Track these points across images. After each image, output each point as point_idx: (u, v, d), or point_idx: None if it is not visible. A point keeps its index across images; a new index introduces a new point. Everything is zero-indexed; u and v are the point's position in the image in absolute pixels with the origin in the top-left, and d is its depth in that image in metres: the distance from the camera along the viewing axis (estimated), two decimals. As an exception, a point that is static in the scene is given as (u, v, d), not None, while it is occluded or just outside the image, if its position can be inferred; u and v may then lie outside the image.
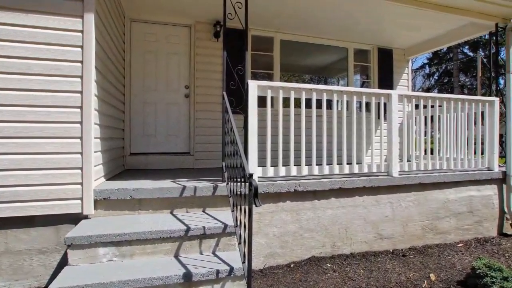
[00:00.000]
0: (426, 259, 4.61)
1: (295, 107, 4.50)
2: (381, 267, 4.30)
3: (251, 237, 2.77)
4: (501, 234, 5.83)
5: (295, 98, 4.49)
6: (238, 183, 3.22)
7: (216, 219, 3.63)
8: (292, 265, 4.26)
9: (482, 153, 6.02)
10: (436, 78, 38.46)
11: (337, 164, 4.73)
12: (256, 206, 2.60)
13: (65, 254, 3.22)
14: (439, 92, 36.23)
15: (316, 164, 4.60)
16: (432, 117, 5.61)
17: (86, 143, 3.53)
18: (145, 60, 6.42)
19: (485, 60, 27.31)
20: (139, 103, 6.38)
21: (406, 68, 8.80)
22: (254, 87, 4.18)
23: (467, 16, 5.93)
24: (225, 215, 3.82)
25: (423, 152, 5.97)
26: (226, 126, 4.07)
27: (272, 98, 4.59)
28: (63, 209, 3.48)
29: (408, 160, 5.44)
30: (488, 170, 5.87)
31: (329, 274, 4.04)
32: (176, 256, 3.30)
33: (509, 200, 5.88)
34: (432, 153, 5.61)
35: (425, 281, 3.97)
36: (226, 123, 4.07)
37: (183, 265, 3.07)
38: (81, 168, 3.52)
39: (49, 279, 3.48)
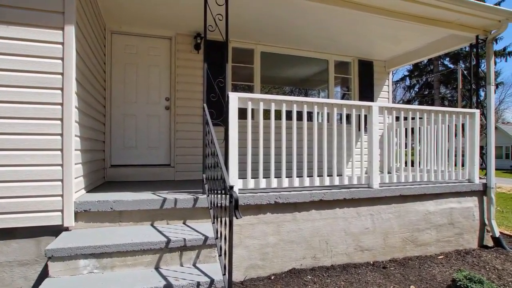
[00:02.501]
0: (406, 271, 4.76)
1: (276, 119, 4.65)
2: (362, 279, 4.45)
3: (231, 249, 2.89)
4: (482, 246, 6.01)
5: (275, 110, 4.65)
6: (219, 195, 3.35)
7: (197, 231, 3.75)
8: (272, 277, 4.39)
9: (462, 165, 6.17)
10: (417, 90, 39.48)
11: (318, 176, 4.89)
12: (237, 218, 2.72)
13: (46, 266, 3.32)
14: (419, 104, 37.09)
15: (297, 176, 4.76)
16: (412, 129, 5.80)
17: (67, 155, 3.63)
18: (125, 72, 6.56)
19: (465, 72, 28.09)
20: (119, 115, 6.51)
21: (387, 80, 9.04)
22: (234, 99, 4.33)
23: (448, 28, 6.13)
24: (205, 227, 3.94)
25: (403, 164, 6.10)
26: (207, 138, 4.20)
27: (252, 110, 4.73)
28: (44, 221, 3.57)
29: (389, 172, 5.62)
30: (469, 182, 6.06)
31: (309, 286, 4.18)
32: (157, 268, 3.41)
33: (490, 212, 6.05)
34: (412, 165, 5.77)
35: (405, 292, 4.15)
36: (207, 135, 4.20)
37: (164, 277, 3.17)
38: (61, 180, 3.62)
39: (30, 291, 3.56)
